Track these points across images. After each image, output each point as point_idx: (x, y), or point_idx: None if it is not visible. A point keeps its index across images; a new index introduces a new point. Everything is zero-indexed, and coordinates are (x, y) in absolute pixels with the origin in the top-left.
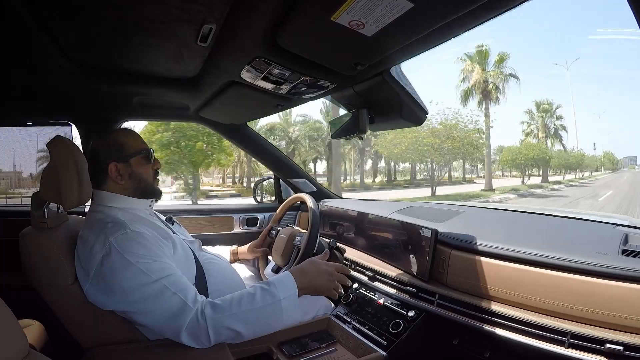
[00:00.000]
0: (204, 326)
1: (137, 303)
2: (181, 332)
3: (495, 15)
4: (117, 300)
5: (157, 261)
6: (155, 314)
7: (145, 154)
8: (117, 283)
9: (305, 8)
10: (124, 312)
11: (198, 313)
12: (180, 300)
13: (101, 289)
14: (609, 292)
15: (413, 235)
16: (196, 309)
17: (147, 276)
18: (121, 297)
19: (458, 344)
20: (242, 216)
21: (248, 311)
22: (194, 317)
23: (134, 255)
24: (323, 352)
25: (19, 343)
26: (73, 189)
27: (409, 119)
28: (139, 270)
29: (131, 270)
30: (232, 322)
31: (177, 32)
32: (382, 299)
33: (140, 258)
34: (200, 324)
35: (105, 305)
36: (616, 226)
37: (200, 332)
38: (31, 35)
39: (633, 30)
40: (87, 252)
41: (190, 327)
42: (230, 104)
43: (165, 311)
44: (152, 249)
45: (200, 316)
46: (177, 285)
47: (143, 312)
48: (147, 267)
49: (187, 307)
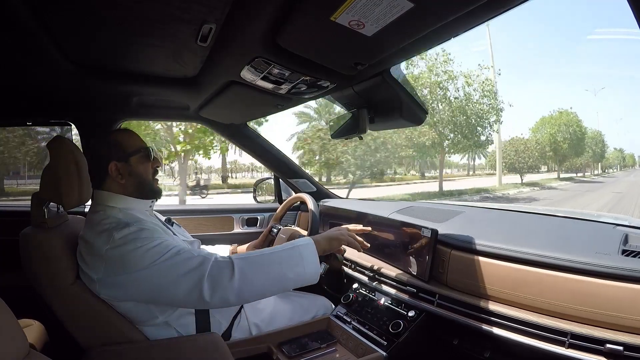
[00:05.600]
0: (229, 265)
1: (156, 277)
2: (203, 279)
3: (495, 15)
4: (135, 284)
5: (164, 241)
6: (176, 277)
7: (145, 153)
8: (131, 267)
9: (305, 8)
10: (145, 296)
11: (219, 258)
12: (197, 255)
13: (116, 282)
14: (609, 292)
15: (413, 235)
16: (215, 256)
17: (157, 252)
18: (139, 278)
19: (458, 344)
20: (242, 216)
21: (269, 254)
22: (215, 262)
23: (141, 240)
24: (323, 352)
25: (19, 343)
26: (73, 189)
27: (409, 118)
28: (148, 249)
29: (141, 251)
30: (257, 261)
31: (176, 31)
32: (382, 299)
33: (148, 241)
34: (223, 264)
35: (124, 296)
36: (616, 226)
37: (224, 270)
38: (31, 35)
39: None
40: (93, 251)
41: (212, 272)
42: (230, 103)
43: (185, 270)
44: (157, 235)
45: (222, 259)
46: (187, 249)
47: (164, 283)
48: (156, 243)
49: (205, 259)
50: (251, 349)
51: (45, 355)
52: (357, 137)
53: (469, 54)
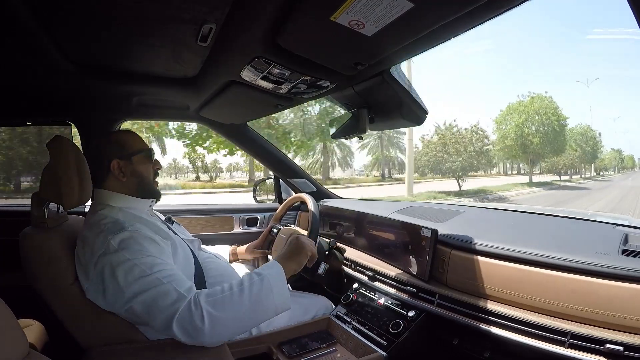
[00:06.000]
0: (198, 311)
1: (132, 297)
2: (173, 322)
3: (495, 15)
4: (113, 298)
5: (152, 257)
6: (149, 306)
7: (147, 154)
8: (114, 280)
9: (305, 8)
10: (122, 311)
11: (191, 301)
12: (173, 289)
13: (100, 289)
14: (609, 292)
15: (413, 235)
16: (190, 298)
17: (141, 270)
18: (117, 294)
19: (458, 344)
20: (242, 216)
21: (238, 292)
22: (187, 306)
23: (130, 252)
24: (323, 352)
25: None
26: (73, 189)
27: (409, 118)
28: (134, 265)
29: (127, 265)
30: (225, 303)
31: (177, 31)
32: (382, 299)
33: (136, 255)
34: (193, 310)
35: (103, 305)
36: (616, 226)
37: (194, 318)
38: (31, 35)
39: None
40: (87, 252)
41: (182, 316)
42: (230, 103)
43: (157, 302)
44: (149, 248)
45: (193, 304)
46: (170, 277)
47: (137, 306)
48: (142, 261)
49: (180, 296)
50: (251, 349)
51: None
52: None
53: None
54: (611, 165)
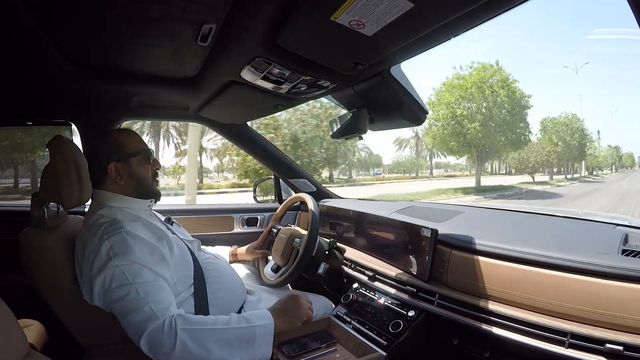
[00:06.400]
0: (171, 335)
1: (112, 302)
2: (141, 337)
3: (495, 15)
4: (98, 300)
5: (138, 264)
6: (124, 316)
7: (145, 155)
8: (99, 282)
9: (305, 8)
10: (106, 312)
11: (165, 323)
12: (148, 307)
13: (88, 289)
14: (609, 292)
15: (413, 235)
16: (164, 320)
17: (124, 278)
18: (101, 296)
19: (458, 344)
20: (242, 216)
21: (222, 330)
22: (159, 326)
23: (118, 258)
24: (323, 352)
25: (19, 343)
26: (73, 189)
27: (409, 118)
28: (119, 272)
29: (112, 270)
30: (203, 336)
31: (177, 31)
32: (382, 298)
33: (123, 261)
34: (165, 333)
35: (90, 302)
36: (616, 226)
37: (164, 340)
38: (31, 35)
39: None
40: (84, 251)
41: (151, 334)
42: (230, 103)
43: (130, 314)
44: (138, 253)
45: (167, 326)
46: (149, 294)
47: (116, 311)
48: (127, 268)
49: (153, 316)
50: None
51: (45, 355)
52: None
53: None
54: (607, 164)
